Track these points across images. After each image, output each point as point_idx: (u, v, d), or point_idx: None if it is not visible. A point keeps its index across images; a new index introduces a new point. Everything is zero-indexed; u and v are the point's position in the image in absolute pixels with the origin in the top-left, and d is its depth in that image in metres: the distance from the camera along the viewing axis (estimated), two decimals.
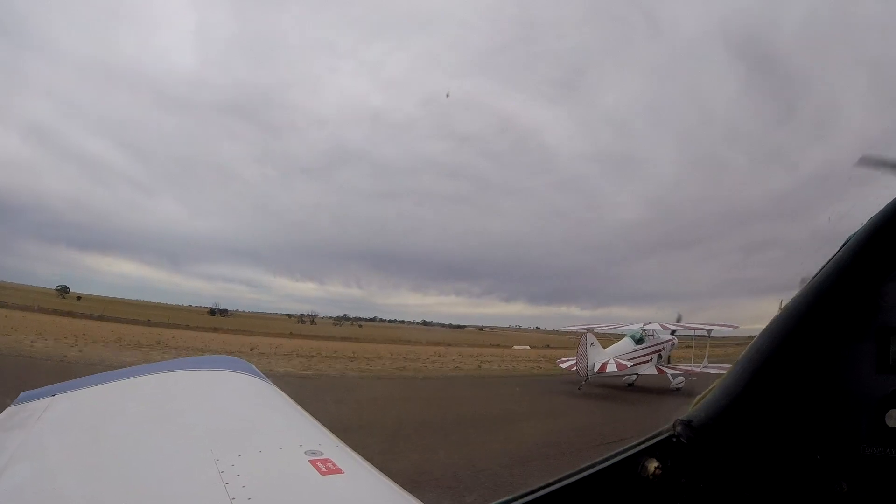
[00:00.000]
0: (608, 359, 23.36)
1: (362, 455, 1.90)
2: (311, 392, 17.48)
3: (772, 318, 1.28)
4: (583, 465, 1.27)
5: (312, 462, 1.67)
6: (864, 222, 1.20)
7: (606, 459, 1.27)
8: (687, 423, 1.28)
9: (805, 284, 1.25)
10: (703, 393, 1.32)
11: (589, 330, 24.17)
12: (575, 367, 23.79)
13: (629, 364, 23.40)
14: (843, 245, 1.22)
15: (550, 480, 1.25)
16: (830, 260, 1.23)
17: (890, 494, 1.17)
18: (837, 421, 1.22)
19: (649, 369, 23.81)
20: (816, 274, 1.23)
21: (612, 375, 23.18)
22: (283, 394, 2.69)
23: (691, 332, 25.13)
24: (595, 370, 22.71)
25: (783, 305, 1.28)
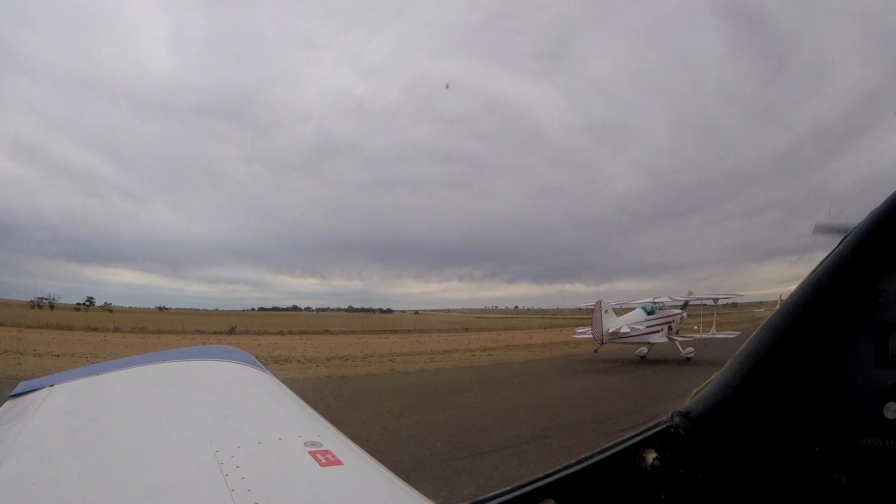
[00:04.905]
0: (622, 325, 25.69)
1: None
2: None
3: (772, 311, 1.29)
4: (581, 456, 1.28)
5: (312, 453, 1.67)
6: (865, 217, 1.19)
7: (605, 450, 1.29)
8: (685, 415, 1.29)
9: (805, 279, 1.24)
10: (702, 385, 1.33)
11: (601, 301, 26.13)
12: (591, 333, 26.03)
13: (642, 328, 25.52)
14: (843, 239, 1.21)
15: (549, 471, 1.27)
16: (830, 254, 1.22)
17: (888, 485, 1.18)
18: (836, 413, 1.23)
19: (660, 338, 25.74)
20: (816, 268, 1.23)
21: (625, 337, 25.37)
22: (283, 384, 2.68)
23: (699, 303, 27.43)
24: (609, 332, 25.11)
25: (783, 299, 1.28)
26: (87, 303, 75.68)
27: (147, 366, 2.87)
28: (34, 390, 2.43)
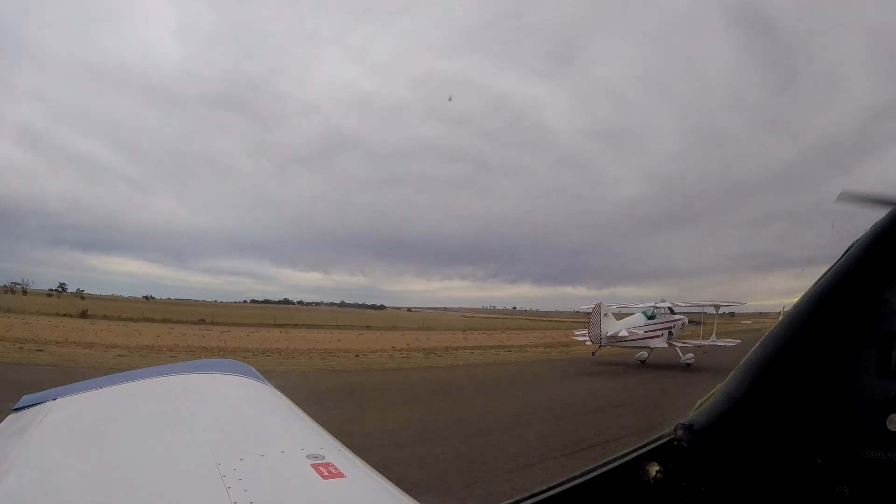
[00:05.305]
0: (620, 328, 25.45)
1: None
2: None
3: (775, 322, 1.28)
4: (584, 469, 1.28)
5: (314, 466, 1.67)
6: (868, 228, 1.19)
7: (608, 463, 1.28)
8: (688, 427, 1.29)
9: (808, 290, 1.24)
10: (705, 397, 1.33)
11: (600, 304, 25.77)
12: (588, 336, 25.80)
13: (641, 333, 25.29)
14: (847, 251, 1.21)
15: (552, 484, 1.26)
16: (833, 265, 1.22)
17: (891, 498, 1.18)
18: (839, 425, 1.22)
19: (660, 343, 25.54)
20: (819, 279, 1.23)
21: (623, 341, 25.13)
22: (285, 397, 2.70)
23: (701, 310, 27.21)
24: (608, 335, 24.87)
25: (785, 310, 1.28)
26: (60, 289, 77.96)
27: (149, 379, 2.88)
28: (37, 404, 2.45)
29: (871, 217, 1.19)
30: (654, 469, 1.25)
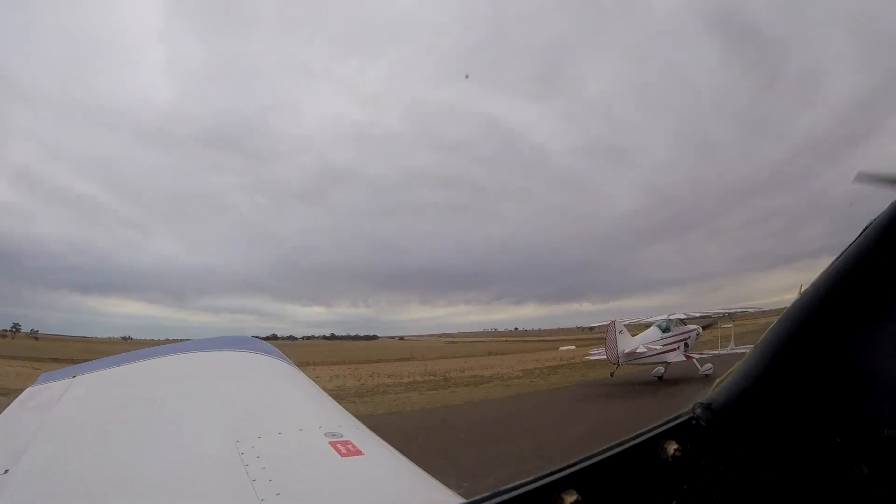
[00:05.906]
0: (637, 345, 24.79)
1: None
2: None
3: (792, 302, 1.29)
4: (603, 447, 1.28)
5: (332, 444, 1.67)
6: (886, 207, 1.19)
7: (626, 441, 1.28)
8: (706, 406, 1.29)
9: (826, 268, 1.24)
10: (723, 376, 1.33)
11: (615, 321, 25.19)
12: (605, 356, 25.07)
13: (658, 347, 24.65)
14: (864, 229, 1.21)
15: (571, 462, 1.27)
16: (851, 244, 1.22)
17: None
18: (857, 404, 1.22)
19: (678, 357, 24.94)
20: (837, 258, 1.23)
21: (642, 358, 24.42)
22: (304, 375, 2.70)
23: (715, 318, 26.49)
24: (625, 353, 24.17)
25: (803, 290, 1.28)
26: (14, 329, 74.81)
27: (169, 356, 2.88)
28: (56, 380, 2.47)
29: (889, 196, 1.20)
30: (672, 448, 1.25)
